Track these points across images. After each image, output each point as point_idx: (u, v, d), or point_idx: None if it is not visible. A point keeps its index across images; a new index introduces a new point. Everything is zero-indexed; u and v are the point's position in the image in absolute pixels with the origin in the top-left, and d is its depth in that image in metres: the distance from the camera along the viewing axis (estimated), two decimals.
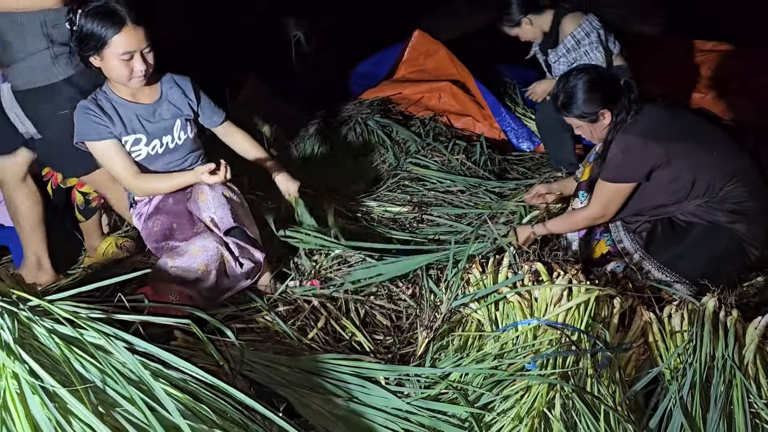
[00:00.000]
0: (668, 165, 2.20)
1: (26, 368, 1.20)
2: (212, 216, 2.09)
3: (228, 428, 1.32)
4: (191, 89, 2.37)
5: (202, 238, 2.09)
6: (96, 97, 2.22)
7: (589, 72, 2.31)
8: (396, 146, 3.61)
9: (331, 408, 1.69)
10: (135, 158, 2.25)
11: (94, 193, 2.56)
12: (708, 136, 2.30)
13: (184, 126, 2.32)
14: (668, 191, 2.25)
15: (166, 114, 2.29)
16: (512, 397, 1.66)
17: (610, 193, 2.27)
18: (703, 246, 2.24)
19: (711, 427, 1.59)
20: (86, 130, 2.17)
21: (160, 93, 2.31)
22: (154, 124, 2.26)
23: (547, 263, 2.02)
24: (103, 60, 2.11)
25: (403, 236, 2.74)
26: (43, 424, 1.15)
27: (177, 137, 2.30)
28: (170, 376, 1.37)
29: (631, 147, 2.21)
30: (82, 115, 2.17)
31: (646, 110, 2.26)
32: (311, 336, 2.05)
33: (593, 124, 2.32)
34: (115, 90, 2.23)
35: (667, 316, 1.98)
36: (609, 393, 1.69)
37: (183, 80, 2.37)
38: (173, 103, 2.32)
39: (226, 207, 2.10)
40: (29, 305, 1.34)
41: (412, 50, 4.42)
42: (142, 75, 2.14)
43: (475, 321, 1.99)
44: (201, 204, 2.11)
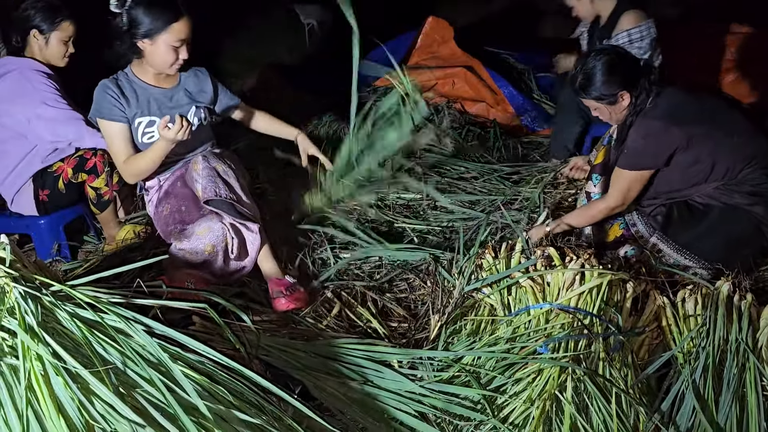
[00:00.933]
0: (688, 149, 2.19)
1: (50, 350, 1.24)
2: (199, 185, 2.14)
3: (244, 409, 1.35)
4: (208, 80, 2.46)
5: (207, 220, 2.14)
6: (117, 77, 2.30)
7: (609, 53, 2.28)
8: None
9: (346, 391, 1.72)
10: (149, 140, 2.30)
11: (105, 187, 2.61)
12: (728, 118, 2.28)
13: (197, 113, 2.39)
14: (687, 175, 2.24)
15: (182, 100, 2.37)
16: (524, 380, 1.68)
17: (629, 180, 2.26)
18: (722, 228, 2.24)
19: (723, 410, 1.60)
20: (101, 108, 2.25)
21: (179, 80, 2.39)
22: (170, 108, 2.33)
23: (560, 248, 2.02)
24: (153, 45, 2.18)
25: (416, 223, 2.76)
26: (67, 404, 1.19)
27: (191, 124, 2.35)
28: (188, 358, 1.40)
29: (652, 132, 2.20)
30: (102, 94, 2.25)
31: (666, 93, 2.24)
32: (326, 323, 2.08)
33: (612, 106, 2.30)
34: (138, 73, 2.31)
35: (680, 300, 1.98)
36: (621, 376, 1.70)
37: (201, 70, 2.46)
38: (190, 90, 2.40)
39: (214, 179, 2.14)
40: (51, 290, 1.38)
41: (425, 37, 4.41)
42: (181, 63, 2.24)
43: (487, 306, 2.01)
44: (194, 173, 2.18)
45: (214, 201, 2.14)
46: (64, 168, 2.59)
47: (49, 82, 2.54)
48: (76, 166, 2.57)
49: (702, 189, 2.27)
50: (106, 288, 1.50)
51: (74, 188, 2.64)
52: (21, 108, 2.51)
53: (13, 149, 2.61)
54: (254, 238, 2.20)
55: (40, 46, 2.59)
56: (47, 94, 2.52)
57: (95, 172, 2.58)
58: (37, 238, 2.72)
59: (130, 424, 1.18)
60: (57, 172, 2.60)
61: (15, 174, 2.63)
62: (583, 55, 2.39)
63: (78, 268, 2.44)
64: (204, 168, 2.18)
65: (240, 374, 1.45)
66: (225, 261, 2.17)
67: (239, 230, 2.18)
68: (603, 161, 2.48)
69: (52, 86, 2.54)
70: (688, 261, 2.25)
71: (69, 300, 1.40)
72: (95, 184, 2.61)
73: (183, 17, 2.17)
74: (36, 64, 2.58)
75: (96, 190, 2.62)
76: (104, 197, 2.64)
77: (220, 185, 2.15)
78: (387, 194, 2.98)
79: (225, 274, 2.19)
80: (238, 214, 2.16)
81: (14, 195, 2.67)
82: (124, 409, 1.19)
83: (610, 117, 2.36)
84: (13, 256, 1.37)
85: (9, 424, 1.17)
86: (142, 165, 2.27)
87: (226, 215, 2.14)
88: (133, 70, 2.31)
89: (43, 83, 2.53)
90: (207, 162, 2.19)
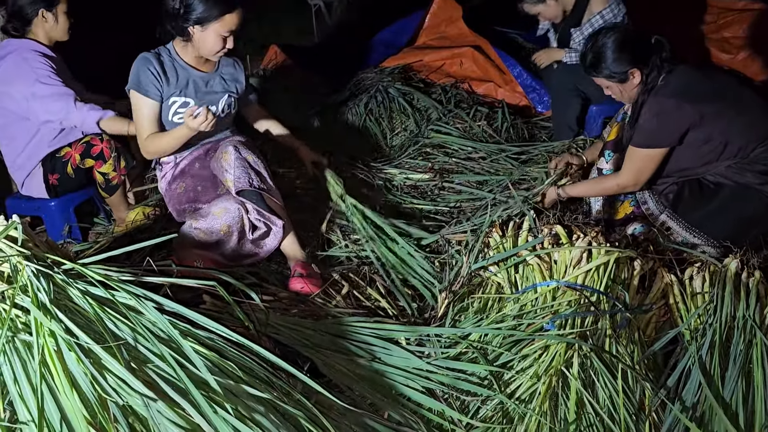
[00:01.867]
0: (700, 127, 2.17)
1: (62, 327, 1.26)
2: (230, 176, 2.14)
3: (254, 384, 1.37)
4: (242, 71, 2.51)
5: (225, 200, 2.15)
6: (160, 53, 2.31)
7: (618, 31, 2.26)
8: (417, 113, 3.61)
9: (354, 368, 1.74)
10: (178, 120, 2.32)
11: (113, 172, 2.63)
12: (740, 96, 2.26)
13: (228, 102, 2.43)
14: (699, 154, 2.23)
15: (217, 87, 2.40)
16: (531, 357, 1.69)
17: (643, 159, 2.24)
18: (733, 207, 2.23)
19: (729, 386, 1.60)
20: (138, 81, 2.26)
21: (217, 66, 2.41)
22: (205, 93, 2.36)
23: (567, 226, 2.03)
24: (204, 32, 2.21)
25: (424, 204, 2.76)
26: (80, 378, 1.22)
27: (221, 110, 2.40)
28: (198, 335, 1.42)
29: (664, 110, 2.17)
30: (143, 68, 2.25)
31: (678, 71, 2.22)
32: (335, 303, 2.10)
33: (622, 84, 2.28)
34: (181, 53, 2.32)
35: (688, 278, 1.97)
36: (627, 353, 1.71)
37: (238, 61, 2.50)
38: (225, 78, 2.44)
39: (246, 170, 2.15)
40: (63, 268, 1.40)
41: (433, 17, 4.39)
42: (226, 52, 2.28)
43: (495, 284, 2.02)
44: (223, 163, 2.18)
45: (246, 192, 2.16)
46: (71, 154, 2.61)
47: (45, 60, 2.57)
48: (84, 152, 2.60)
49: (714, 168, 2.25)
50: (116, 267, 1.52)
51: (83, 173, 2.67)
52: (19, 88, 2.54)
53: (18, 133, 2.64)
54: (277, 231, 2.22)
55: (49, 25, 2.61)
56: (42, 71, 2.54)
57: (102, 157, 2.61)
58: (48, 220, 2.75)
59: (142, 398, 1.21)
60: (65, 158, 2.63)
61: (24, 157, 2.66)
62: (591, 35, 2.38)
63: (89, 249, 2.47)
64: (236, 159, 2.18)
65: (249, 350, 1.47)
66: (239, 243, 2.19)
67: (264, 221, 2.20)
68: (616, 138, 2.46)
69: (47, 64, 2.57)
70: (697, 239, 2.24)
71: (80, 278, 1.42)
72: (103, 170, 2.63)
73: (237, 9, 2.20)
74: (34, 44, 2.60)
75: (104, 176, 2.64)
76: (113, 182, 2.66)
77: (252, 176, 2.17)
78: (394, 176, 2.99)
79: (237, 256, 2.21)
80: (266, 207, 2.18)
81: (25, 178, 2.70)
82: (135, 383, 1.21)
83: (621, 95, 2.35)
84: (25, 236, 1.40)
85: (24, 398, 1.20)
86: (163, 145, 2.30)
87: (252, 206, 2.15)
88: (177, 48, 2.32)
89: (40, 62, 2.55)
90: (238, 153, 2.19)
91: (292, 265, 2.24)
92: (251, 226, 2.17)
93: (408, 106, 3.65)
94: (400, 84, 3.81)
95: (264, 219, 2.17)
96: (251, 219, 2.16)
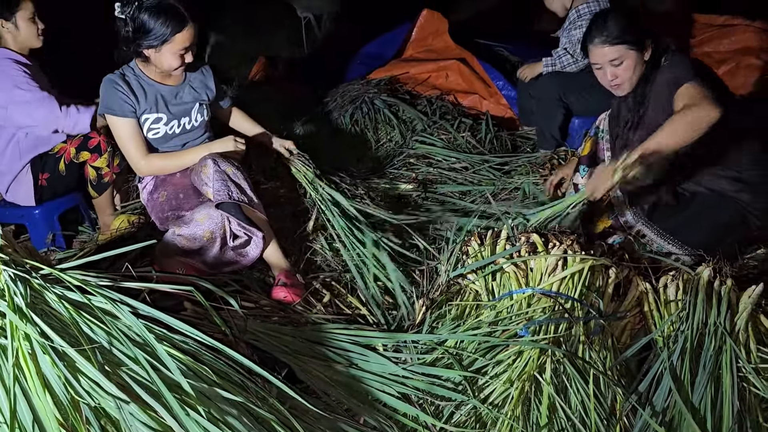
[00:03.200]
0: None
1: (37, 330, 1.28)
2: (210, 189, 2.17)
3: (228, 388, 1.39)
4: (212, 76, 2.53)
5: (207, 207, 2.18)
6: (124, 73, 2.33)
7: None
8: (402, 125, 3.65)
9: (331, 374, 1.76)
10: (153, 136, 2.36)
11: (106, 168, 2.65)
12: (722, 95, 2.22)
13: (201, 110, 2.46)
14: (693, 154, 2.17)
15: (187, 97, 2.42)
16: (505, 362, 1.71)
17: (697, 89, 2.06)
18: (708, 214, 2.26)
19: (698, 391, 1.63)
20: (112, 105, 2.27)
21: (184, 77, 2.43)
22: (176, 105, 2.38)
23: (544, 234, 2.06)
24: (159, 53, 2.23)
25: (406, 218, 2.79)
26: (53, 380, 1.23)
27: (194, 119, 2.43)
28: (174, 339, 1.44)
29: (683, 63, 2.16)
30: (111, 90, 2.27)
31: (679, 54, 2.23)
32: (316, 311, 2.12)
33: (639, 53, 2.22)
34: (144, 70, 2.34)
35: (662, 286, 2.00)
36: (600, 359, 1.73)
37: (206, 68, 2.52)
38: (194, 87, 2.46)
39: (225, 182, 2.17)
40: (41, 273, 1.42)
41: (420, 30, 4.45)
42: (183, 67, 2.30)
43: (472, 291, 2.04)
44: (203, 176, 2.19)
45: (225, 204, 2.18)
46: (66, 148, 2.63)
47: (19, 67, 2.58)
48: (80, 145, 2.62)
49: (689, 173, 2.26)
50: (95, 273, 1.54)
51: (74, 170, 2.67)
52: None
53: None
54: (258, 241, 2.23)
55: (12, 33, 2.63)
56: (19, 78, 2.55)
57: (98, 150, 2.62)
58: (32, 228, 2.76)
59: (115, 400, 1.22)
60: (59, 153, 2.64)
61: (5, 163, 2.66)
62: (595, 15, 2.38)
63: (72, 257, 2.48)
64: (215, 171, 2.19)
65: (225, 355, 1.49)
66: (221, 250, 2.20)
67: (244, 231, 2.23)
68: (590, 152, 2.50)
69: (23, 71, 2.58)
70: (673, 247, 2.28)
71: (58, 283, 1.44)
72: (97, 164, 2.64)
73: (187, 25, 2.20)
74: (7, 52, 2.62)
75: (97, 170, 2.65)
76: (104, 178, 2.67)
77: (231, 188, 2.19)
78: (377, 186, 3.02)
79: (218, 264, 2.22)
80: (245, 219, 2.20)
81: (9, 184, 2.71)
82: (108, 385, 1.23)
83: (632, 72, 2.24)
84: (4, 241, 1.41)
85: None
86: (170, 167, 2.36)
87: (234, 219, 2.17)
88: (140, 66, 2.35)
89: (15, 69, 2.56)
90: (217, 165, 2.21)
91: (276, 273, 2.25)
92: (232, 234, 2.19)
93: (393, 117, 3.69)
94: (386, 95, 3.85)
95: (244, 230, 2.19)
96: (232, 228, 2.18)
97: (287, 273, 2.21)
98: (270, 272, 2.31)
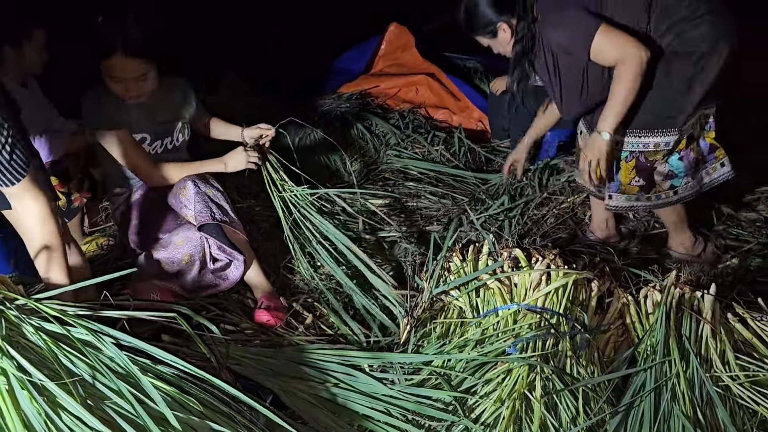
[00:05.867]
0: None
1: (14, 364, 1.22)
2: (191, 212, 2.11)
3: (215, 419, 1.34)
4: (191, 94, 2.44)
5: (186, 229, 2.12)
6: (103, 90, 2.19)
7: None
8: (375, 139, 3.64)
9: (317, 396, 1.72)
10: None
11: (76, 194, 2.56)
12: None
13: (182, 129, 2.37)
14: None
15: (168, 116, 2.34)
16: (494, 381, 1.70)
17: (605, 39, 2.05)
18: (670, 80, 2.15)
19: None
20: (100, 117, 2.16)
21: (165, 96, 2.33)
22: (158, 125, 2.30)
23: (526, 249, 2.06)
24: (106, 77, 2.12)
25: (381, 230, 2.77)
26: (33, 417, 1.17)
27: (176, 139, 2.36)
28: (157, 370, 1.39)
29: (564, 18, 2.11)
30: (96, 103, 2.16)
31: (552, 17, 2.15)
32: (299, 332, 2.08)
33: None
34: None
35: (643, 297, 2.02)
36: (588, 374, 1.73)
37: (185, 84, 2.43)
38: (175, 106, 2.37)
39: (207, 204, 2.12)
40: (16, 304, 1.35)
41: (388, 44, 4.45)
42: (136, 97, 2.15)
43: (456, 308, 2.03)
44: (182, 198, 2.13)
45: (207, 226, 2.12)
46: None
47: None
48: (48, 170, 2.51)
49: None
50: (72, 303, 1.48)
51: None
52: None
53: None
54: (238, 264, 2.18)
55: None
56: None
57: (67, 177, 2.52)
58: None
59: None
60: None
61: None
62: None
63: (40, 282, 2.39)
64: (195, 193, 2.14)
65: (210, 384, 1.44)
66: (200, 273, 2.14)
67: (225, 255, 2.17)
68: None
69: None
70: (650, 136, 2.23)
71: (35, 314, 1.37)
72: (65, 190, 2.55)
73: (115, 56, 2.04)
74: None
75: (67, 196, 2.56)
76: (74, 203, 2.58)
77: (213, 209, 2.13)
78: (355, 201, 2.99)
79: (196, 288, 2.16)
80: (227, 241, 2.14)
81: None
82: (92, 420, 1.18)
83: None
84: None
85: None
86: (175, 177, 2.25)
87: (214, 242, 2.12)
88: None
89: None
90: (198, 187, 2.15)
91: (257, 296, 2.21)
92: (212, 258, 2.14)
93: (366, 131, 3.67)
94: (358, 109, 3.84)
95: (225, 254, 2.14)
96: (212, 252, 2.13)
97: (269, 295, 2.16)
98: (249, 294, 2.26)
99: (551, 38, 2.16)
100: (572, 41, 2.12)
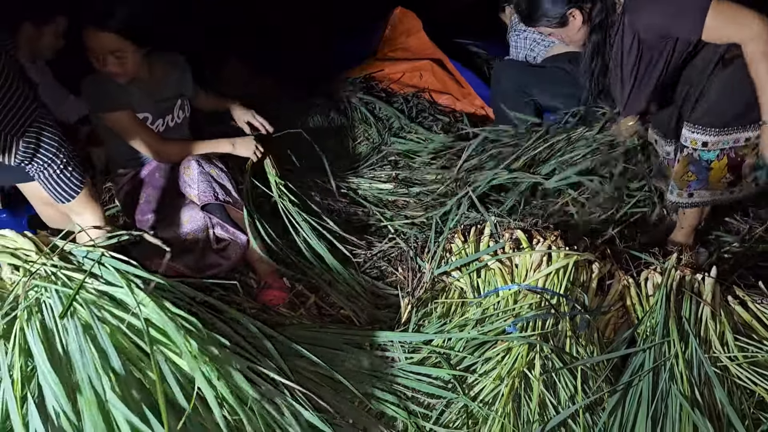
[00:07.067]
0: None
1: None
2: (194, 191, 2.12)
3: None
4: (188, 70, 2.44)
5: (190, 209, 2.13)
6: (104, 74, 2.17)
7: None
8: (379, 123, 3.63)
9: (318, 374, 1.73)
10: None
11: None
12: None
13: (182, 106, 2.38)
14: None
15: (168, 93, 2.34)
16: (493, 359, 1.71)
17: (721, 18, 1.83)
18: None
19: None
20: (106, 99, 2.13)
21: (163, 74, 2.33)
22: (159, 103, 2.31)
23: (527, 230, 2.07)
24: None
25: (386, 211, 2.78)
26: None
27: (177, 116, 2.37)
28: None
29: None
30: (99, 86, 2.14)
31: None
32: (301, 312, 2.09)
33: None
34: None
35: (644, 279, 2.03)
36: (587, 353, 1.74)
37: (183, 61, 2.42)
38: (175, 83, 2.37)
39: (210, 183, 2.13)
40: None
41: (393, 29, 4.42)
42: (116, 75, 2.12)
43: (457, 289, 2.04)
44: (186, 178, 2.15)
45: (211, 205, 2.14)
46: None
47: None
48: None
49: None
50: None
51: None
52: None
53: None
54: (241, 245, 2.19)
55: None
56: None
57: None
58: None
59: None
60: None
61: None
62: None
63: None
64: (199, 173, 2.15)
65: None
66: (203, 253, 2.16)
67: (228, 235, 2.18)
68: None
69: None
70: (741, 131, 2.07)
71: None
72: None
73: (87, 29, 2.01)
74: None
75: None
76: None
77: (217, 189, 2.14)
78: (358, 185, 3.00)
79: (200, 267, 2.17)
80: (230, 221, 2.15)
81: None
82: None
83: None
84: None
85: None
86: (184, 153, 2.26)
87: (217, 222, 2.13)
88: None
89: None
90: (201, 167, 2.16)
91: (261, 276, 2.22)
92: (215, 237, 2.15)
93: (370, 115, 3.66)
94: (362, 93, 3.83)
95: (228, 233, 2.15)
96: (216, 231, 2.15)
97: (273, 275, 2.17)
98: (251, 274, 2.27)
99: (642, 20, 1.94)
100: (677, 19, 1.89)
